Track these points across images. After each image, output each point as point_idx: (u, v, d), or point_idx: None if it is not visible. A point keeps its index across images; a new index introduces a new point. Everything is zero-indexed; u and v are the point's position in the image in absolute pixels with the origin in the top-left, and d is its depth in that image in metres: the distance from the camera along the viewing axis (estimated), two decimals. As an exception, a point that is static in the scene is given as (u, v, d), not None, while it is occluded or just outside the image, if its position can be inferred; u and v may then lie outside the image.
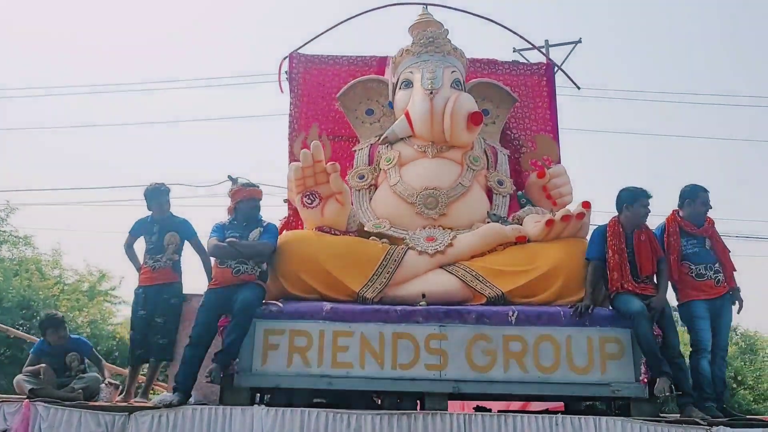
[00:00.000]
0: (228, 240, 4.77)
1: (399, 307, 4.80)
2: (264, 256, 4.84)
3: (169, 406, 4.28)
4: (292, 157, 7.04)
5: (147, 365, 5.31)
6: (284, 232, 5.39)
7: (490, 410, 5.36)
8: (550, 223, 5.09)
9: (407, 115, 6.22)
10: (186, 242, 5.28)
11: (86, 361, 4.96)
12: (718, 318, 4.82)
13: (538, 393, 4.64)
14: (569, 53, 13.35)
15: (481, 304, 4.88)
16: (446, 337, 4.66)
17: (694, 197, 4.96)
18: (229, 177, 15.61)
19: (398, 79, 6.67)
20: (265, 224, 5.00)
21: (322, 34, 7.65)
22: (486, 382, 4.56)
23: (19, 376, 4.67)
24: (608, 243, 4.78)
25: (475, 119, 5.94)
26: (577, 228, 5.13)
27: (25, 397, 4.49)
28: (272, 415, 4.24)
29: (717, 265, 4.85)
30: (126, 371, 5.92)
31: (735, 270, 4.90)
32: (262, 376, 4.61)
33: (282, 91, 7.60)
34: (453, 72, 6.42)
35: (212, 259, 4.94)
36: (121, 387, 5.08)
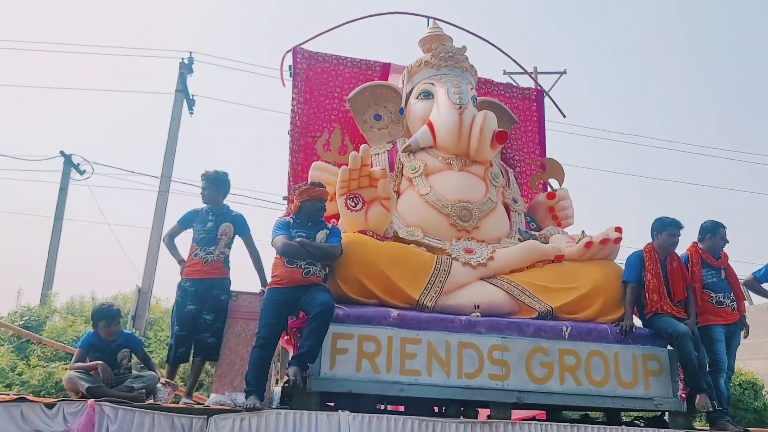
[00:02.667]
0: (298, 240, 4.64)
1: (463, 317, 4.92)
2: (333, 258, 4.75)
3: (253, 409, 4.09)
4: (295, 155, 6.94)
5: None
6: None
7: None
8: (589, 245, 5.43)
9: (430, 125, 6.34)
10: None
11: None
12: (729, 341, 5.39)
13: (591, 405, 4.95)
14: (555, 82, 13.94)
15: (531, 318, 5.10)
16: (508, 348, 4.84)
17: (715, 232, 5.51)
18: (61, 152, 14.60)
19: (414, 89, 6.78)
20: (330, 226, 4.90)
21: (327, 32, 7.59)
22: (545, 393, 4.79)
23: (72, 373, 4.22)
24: (646, 267, 5.20)
25: (500, 138, 6.20)
26: (610, 251, 5.51)
27: (80, 396, 4.10)
28: (359, 421, 4.20)
29: (732, 294, 5.43)
30: None
31: (745, 299, 5.52)
32: (332, 381, 4.53)
33: (284, 85, 7.42)
34: (472, 89, 6.66)
35: (275, 257, 4.75)
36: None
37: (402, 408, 5.39)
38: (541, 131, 7.86)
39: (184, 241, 5.17)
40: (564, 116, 8.09)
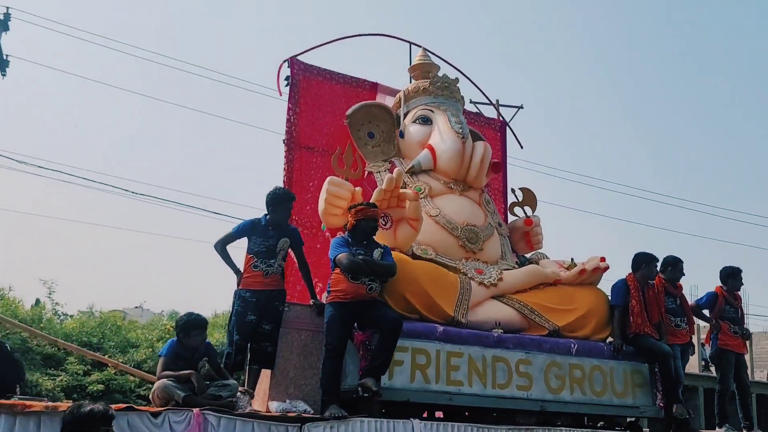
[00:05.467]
0: (362, 257, 4.94)
1: (495, 333, 5.48)
2: (392, 276, 5.09)
3: (340, 418, 4.36)
4: (289, 165, 7.10)
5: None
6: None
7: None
8: (583, 272, 6.22)
9: (432, 149, 6.83)
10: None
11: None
12: (682, 358, 6.45)
13: (594, 412, 5.72)
14: (513, 116, 14.62)
15: (541, 335, 5.77)
16: (531, 362, 5.48)
17: (675, 265, 6.55)
18: None
19: (410, 113, 7.24)
20: (383, 246, 5.22)
21: (319, 46, 7.81)
22: (561, 402, 5.49)
23: (166, 382, 4.18)
24: (632, 294, 6.09)
25: (495, 168, 6.89)
26: (597, 278, 6.36)
27: (172, 405, 4.13)
28: (429, 428, 4.61)
29: (686, 318, 6.49)
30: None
31: (694, 323, 6.61)
32: (391, 390, 4.90)
33: (281, 95, 7.51)
34: (465, 119, 7.25)
35: (335, 272, 4.99)
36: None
37: (441, 414, 5.81)
38: (504, 160, 8.62)
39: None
40: (522, 147, 8.90)
